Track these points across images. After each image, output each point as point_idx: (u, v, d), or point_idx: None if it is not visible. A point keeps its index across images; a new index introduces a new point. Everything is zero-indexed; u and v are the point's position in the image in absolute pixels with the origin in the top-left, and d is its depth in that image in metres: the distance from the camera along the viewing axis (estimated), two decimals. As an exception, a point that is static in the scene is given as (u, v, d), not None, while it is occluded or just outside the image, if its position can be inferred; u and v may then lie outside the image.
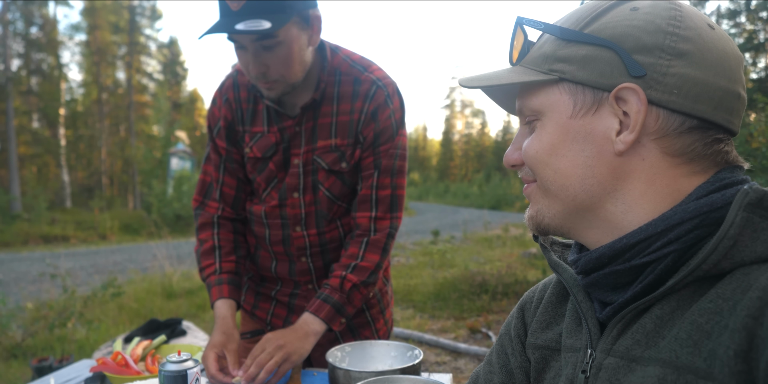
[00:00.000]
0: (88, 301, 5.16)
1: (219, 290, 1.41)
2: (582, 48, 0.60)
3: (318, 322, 1.34)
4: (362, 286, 1.39)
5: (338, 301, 1.36)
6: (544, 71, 0.62)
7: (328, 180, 1.41)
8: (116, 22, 29.51)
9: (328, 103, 1.39)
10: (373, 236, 1.41)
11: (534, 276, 6.08)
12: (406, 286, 6.33)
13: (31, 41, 25.52)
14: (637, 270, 0.58)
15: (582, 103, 0.60)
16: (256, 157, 1.44)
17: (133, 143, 27.45)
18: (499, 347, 0.82)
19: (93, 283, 6.40)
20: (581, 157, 0.61)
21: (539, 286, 0.81)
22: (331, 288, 1.37)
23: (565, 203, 0.64)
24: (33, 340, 4.32)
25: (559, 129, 0.62)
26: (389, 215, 1.42)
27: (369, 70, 1.41)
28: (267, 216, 1.46)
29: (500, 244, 9.96)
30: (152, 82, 33.04)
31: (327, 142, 1.39)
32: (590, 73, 0.59)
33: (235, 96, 1.45)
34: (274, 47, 1.23)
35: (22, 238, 13.95)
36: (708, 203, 0.55)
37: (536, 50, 0.65)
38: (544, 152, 0.63)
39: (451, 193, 33.18)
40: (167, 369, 0.97)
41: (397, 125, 1.41)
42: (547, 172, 0.63)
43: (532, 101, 0.65)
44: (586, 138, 0.61)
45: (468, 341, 4.48)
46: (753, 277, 0.50)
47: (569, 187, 0.62)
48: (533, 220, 0.68)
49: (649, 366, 0.54)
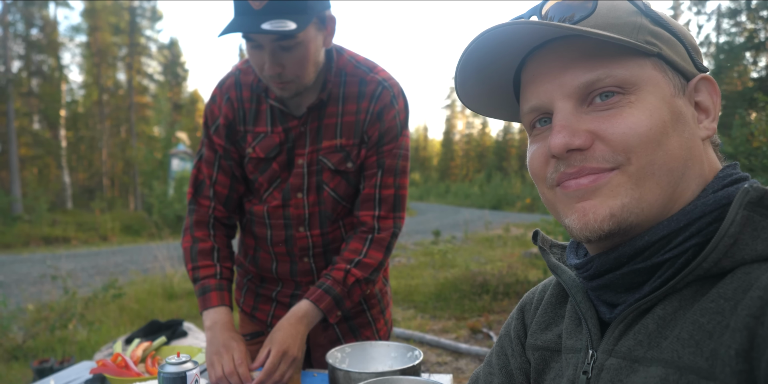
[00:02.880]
0: (89, 302, 5.16)
1: (220, 296, 1.38)
2: (663, 31, 0.60)
3: (317, 312, 1.34)
4: (364, 282, 1.39)
5: (339, 294, 1.35)
6: (640, 41, 0.57)
7: (333, 180, 1.41)
8: (117, 23, 29.53)
9: (333, 103, 1.39)
10: (377, 234, 1.41)
11: (535, 276, 6.08)
12: (407, 287, 6.32)
13: (31, 43, 25.56)
14: (656, 267, 0.56)
15: (674, 84, 0.59)
16: (258, 158, 1.43)
17: (134, 144, 27.45)
18: (499, 348, 0.82)
19: (94, 285, 6.40)
20: (684, 139, 0.57)
21: (539, 287, 0.81)
22: (334, 280, 1.36)
23: (663, 192, 0.56)
24: (34, 342, 4.31)
25: (666, 105, 0.57)
26: (392, 215, 1.42)
27: (374, 71, 1.41)
28: (269, 216, 1.45)
29: (501, 244, 9.96)
30: (153, 83, 33.06)
31: (332, 143, 1.39)
32: (677, 58, 0.60)
33: (237, 95, 1.44)
34: (292, 48, 1.23)
35: (23, 240, 13.96)
36: (725, 196, 0.55)
37: (611, 17, 0.58)
38: (657, 129, 0.55)
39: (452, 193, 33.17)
40: (166, 371, 0.97)
41: (402, 126, 1.42)
42: (657, 153, 0.55)
43: (623, 71, 0.56)
44: (685, 119, 0.58)
45: (469, 341, 4.47)
46: (754, 277, 0.49)
47: (675, 171, 0.56)
48: (615, 219, 0.56)
49: (651, 366, 0.53)
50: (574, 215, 0.58)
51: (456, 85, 0.67)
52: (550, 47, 0.60)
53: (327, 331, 1.55)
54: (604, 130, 0.56)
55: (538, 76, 0.61)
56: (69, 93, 29.74)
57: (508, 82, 0.69)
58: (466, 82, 0.66)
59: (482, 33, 0.58)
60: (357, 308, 1.55)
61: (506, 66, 0.65)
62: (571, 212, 0.59)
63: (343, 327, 1.54)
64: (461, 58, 0.62)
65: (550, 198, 0.63)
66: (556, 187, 0.61)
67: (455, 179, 53.63)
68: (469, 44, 0.60)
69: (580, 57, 0.57)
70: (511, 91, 0.70)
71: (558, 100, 0.59)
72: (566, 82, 0.58)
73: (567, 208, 0.60)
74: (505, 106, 0.72)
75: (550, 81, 0.59)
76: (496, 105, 0.72)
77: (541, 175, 0.63)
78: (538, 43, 0.61)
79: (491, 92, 0.70)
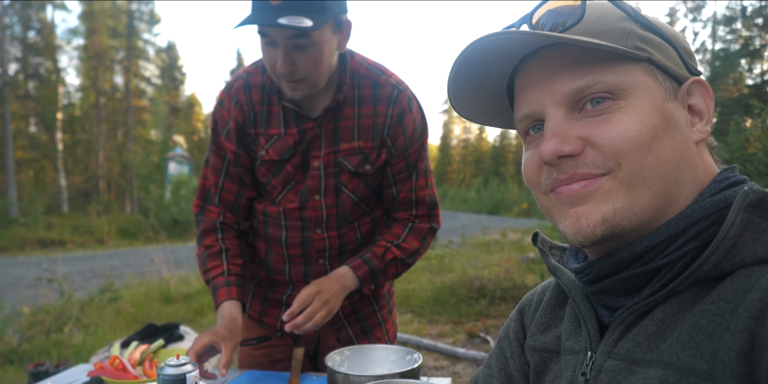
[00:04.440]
0: (85, 305, 5.13)
1: (227, 291, 1.38)
2: (653, 36, 0.60)
3: (354, 278, 1.38)
4: (400, 262, 1.44)
5: (376, 267, 1.41)
6: (629, 47, 0.58)
7: (352, 182, 1.42)
8: (114, 26, 29.54)
9: (348, 105, 1.39)
10: (417, 223, 1.47)
11: (532, 280, 6.08)
12: (405, 291, 6.32)
13: (28, 45, 25.53)
14: (656, 271, 0.57)
15: (665, 88, 0.59)
16: (272, 160, 1.41)
17: (131, 148, 27.39)
18: (499, 350, 0.82)
19: (90, 288, 6.37)
20: (675, 142, 0.58)
21: (538, 289, 0.81)
22: (373, 254, 1.41)
23: (655, 196, 0.57)
24: (29, 345, 4.29)
25: (657, 110, 0.57)
26: (428, 212, 1.49)
27: (386, 74, 1.42)
28: (285, 218, 1.45)
29: (498, 248, 9.95)
30: (150, 86, 33.04)
31: (350, 145, 1.39)
32: (668, 62, 0.60)
33: (246, 98, 1.42)
34: (306, 47, 1.23)
35: (19, 243, 13.89)
36: (723, 199, 0.56)
37: (599, 24, 0.59)
38: (648, 135, 0.56)
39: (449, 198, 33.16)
40: (166, 373, 0.96)
41: (421, 128, 1.44)
42: (648, 159, 0.56)
43: (613, 77, 0.57)
44: (677, 123, 0.59)
45: (466, 346, 4.47)
46: (754, 279, 0.50)
47: (667, 175, 0.57)
48: (608, 224, 0.56)
49: (650, 368, 0.54)
50: (568, 221, 0.59)
51: (449, 94, 0.67)
52: (541, 55, 0.61)
53: (340, 333, 1.53)
54: (594, 135, 0.57)
55: (529, 83, 0.62)
56: (66, 96, 29.68)
57: (501, 90, 0.69)
58: (458, 91, 0.67)
59: (471, 43, 0.58)
60: (368, 309, 1.55)
61: (498, 74, 0.66)
62: (564, 218, 0.59)
63: (356, 328, 1.54)
64: (452, 68, 0.63)
65: (545, 204, 0.64)
66: (550, 193, 0.62)
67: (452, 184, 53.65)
68: (459, 54, 0.60)
69: (569, 64, 0.58)
70: (505, 98, 0.70)
71: (549, 107, 0.59)
72: (557, 89, 0.59)
73: (561, 214, 0.60)
74: (499, 113, 0.72)
75: (541, 88, 0.60)
76: (491, 112, 0.72)
77: (535, 182, 0.64)
78: (529, 51, 0.62)
79: (485, 100, 0.70)
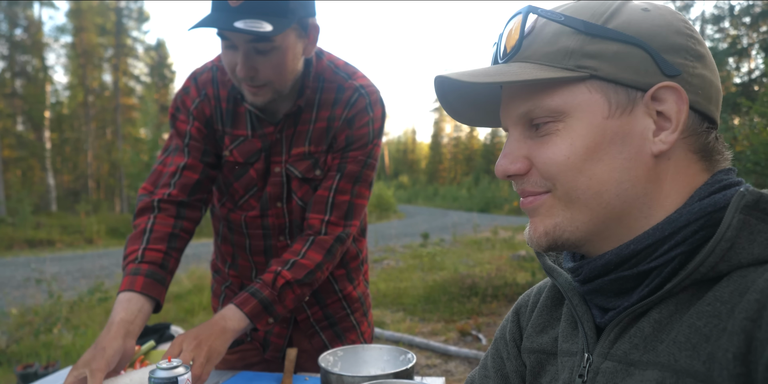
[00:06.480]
0: (74, 306, 5.10)
1: (130, 281, 1.19)
2: (611, 45, 0.57)
3: (240, 316, 1.20)
4: (296, 284, 1.27)
5: (267, 298, 1.23)
6: (568, 67, 0.57)
7: (301, 189, 1.35)
8: (103, 24, 29.23)
9: (308, 110, 1.34)
10: (321, 236, 1.31)
11: (523, 278, 6.11)
12: (396, 289, 6.32)
13: (15, 43, 25.23)
14: (643, 275, 0.57)
15: (617, 103, 0.57)
16: (236, 162, 1.37)
17: (120, 146, 27.18)
18: (495, 351, 0.82)
19: (79, 288, 6.32)
20: (618, 160, 0.57)
21: (534, 289, 0.81)
22: (263, 283, 1.24)
23: (594, 213, 0.59)
24: (18, 347, 4.25)
25: (594, 130, 0.57)
26: (343, 222, 1.33)
27: (353, 77, 1.36)
28: (247, 226, 1.40)
29: (489, 246, 9.99)
30: (139, 84, 32.76)
31: (300, 150, 1.34)
32: (624, 71, 0.57)
33: (214, 93, 1.36)
34: (268, 52, 1.17)
35: (7, 243, 13.75)
36: (711, 204, 0.55)
37: (546, 45, 0.59)
38: (578, 157, 0.58)
39: (441, 196, 33.24)
40: (157, 376, 0.95)
41: (374, 134, 1.35)
42: (579, 180, 0.58)
43: (550, 101, 0.58)
44: (624, 139, 0.57)
45: (458, 344, 4.48)
46: (750, 280, 0.50)
47: (604, 194, 0.58)
48: (549, 236, 0.61)
49: (647, 370, 0.54)
50: (527, 228, 0.65)
51: (440, 103, 0.69)
52: None
53: (313, 339, 1.51)
54: (534, 157, 0.61)
55: (502, 100, 0.65)
56: (54, 94, 29.36)
57: (492, 94, 0.69)
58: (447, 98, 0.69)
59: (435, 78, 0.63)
60: (341, 313, 1.52)
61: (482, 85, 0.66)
62: (528, 224, 0.65)
63: (329, 333, 1.52)
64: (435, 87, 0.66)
65: None
66: None
67: (443, 182, 53.75)
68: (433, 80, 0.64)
69: (519, 88, 0.62)
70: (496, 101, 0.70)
71: (510, 126, 0.64)
72: (511, 111, 0.63)
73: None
74: (492, 114, 0.72)
75: (504, 108, 0.65)
76: (483, 114, 0.73)
77: None
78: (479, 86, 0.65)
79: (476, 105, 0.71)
